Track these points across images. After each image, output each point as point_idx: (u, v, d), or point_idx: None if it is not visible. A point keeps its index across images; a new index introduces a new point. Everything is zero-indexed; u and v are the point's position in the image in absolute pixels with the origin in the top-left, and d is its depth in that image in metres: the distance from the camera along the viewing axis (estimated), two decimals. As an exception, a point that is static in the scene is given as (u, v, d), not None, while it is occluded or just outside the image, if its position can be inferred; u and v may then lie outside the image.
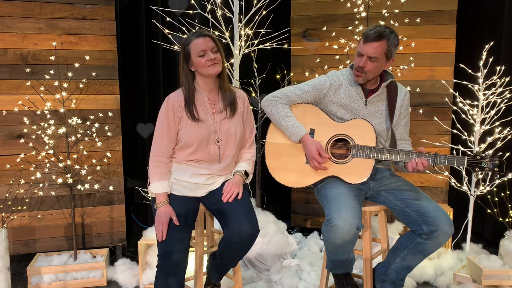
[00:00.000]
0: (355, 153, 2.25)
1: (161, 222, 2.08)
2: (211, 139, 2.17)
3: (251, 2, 3.17)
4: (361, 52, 2.20)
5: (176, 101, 2.14)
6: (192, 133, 2.14)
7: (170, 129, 2.14)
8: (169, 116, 2.13)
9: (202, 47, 2.09)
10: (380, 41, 2.17)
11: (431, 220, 2.12)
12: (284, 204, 4.11)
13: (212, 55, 2.10)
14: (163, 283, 2.09)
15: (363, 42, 2.20)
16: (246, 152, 2.33)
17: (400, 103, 2.35)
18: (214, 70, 2.11)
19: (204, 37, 2.11)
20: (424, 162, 2.15)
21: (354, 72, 2.27)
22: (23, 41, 3.01)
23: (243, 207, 2.14)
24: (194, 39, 2.10)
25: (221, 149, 2.20)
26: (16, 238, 3.10)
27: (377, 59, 2.19)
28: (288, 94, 2.35)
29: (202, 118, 2.15)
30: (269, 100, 2.37)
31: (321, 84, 2.34)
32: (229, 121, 2.20)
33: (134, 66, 3.84)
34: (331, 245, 2.13)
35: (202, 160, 2.19)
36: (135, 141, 3.93)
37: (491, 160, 2.11)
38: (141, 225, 3.92)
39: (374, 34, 2.16)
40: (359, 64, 2.21)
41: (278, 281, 2.90)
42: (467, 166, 2.13)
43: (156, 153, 2.16)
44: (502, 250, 2.82)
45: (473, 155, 2.14)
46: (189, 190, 2.19)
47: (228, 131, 2.19)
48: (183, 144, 2.16)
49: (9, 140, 3.04)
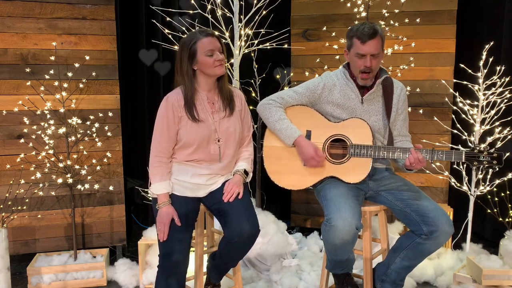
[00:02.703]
0: (352, 153, 2.25)
1: (163, 222, 2.08)
2: (212, 139, 2.17)
3: (251, 2, 3.17)
4: (362, 53, 2.19)
5: (176, 101, 2.12)
6: (192, 133, 2.13)
7: (170, 129, 2.13)
8: (169, 116, 2.12)
9: (211, 47, 2.08)
10: (376, 37, 2.17)
11: (431, 220, 2.12)
12: (284, 204, 4.11)
13: (220, 55, 2.10)
14: (163, 283, 2.09)
15: (360, 43, 2.18)
16: (244, 150, 2.33)
17: (397, 98, 2.34)
18: (220, 70, 2.12)
19: (212, 36, 2.10)
20: (419, 156, 2.14)
21: (360, 76, 2.24)
22: (23, 41, 3.01)
23: (243, 206, 2.14)
24: (202, 38, 2.08)
25: (221, 148, 2.19)
26: (16, 238, 3.10)
27: (378, 55, 2.21)
28: (282, 96, 2.35)
29: (202, 118, 2.14)
30: (263, 105, 2.37)
31: (315, 85, 2.34)
32: (228, 120, 2.20)
33: (134, 66, 3.84)
34: (330, 245, 2.13)
35: (202, 160, 2.18)
36: (135, 141, 3.93)
37: (489, 153, 2.10)
38: (141, 225, 3.92)
39: (369, 32, 2.16)
40: (365, 65, 2.19)
41: (278, 281, 2.90)
42: (465, 160, 2.12)
43: (156, 154, 2.15)
44: (502, 250, 2.82)
45: (471, 149, 2.13)
46: (190, 190, 2.19)
47: (227, 130, 2.19)
48: (183, 144, 2.15)
49: (9, 140, 3.04)
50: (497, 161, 2.10)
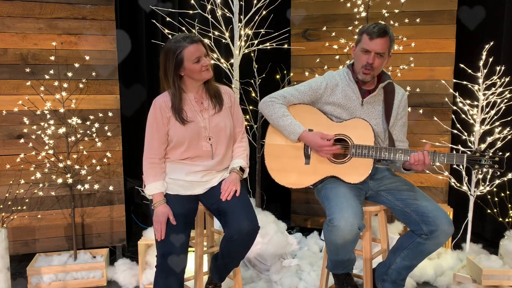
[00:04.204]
0: (353, 153, 2.24)
1: (159, 221, 2.08)
2: (202, 136, 2.19)
3: (251, 2, 3.17)
4: (367, 48, 2.20)
5: (163, 102, 2.16)
6: (182, 131, 2.16)
7: (159, 130, 2.16)
8: (157, 117, 2.15)
9: (197, 54, 2.11)
10: (385, 37, 2.19)
11: (431, 220, 2.12)
12: (284, 204, 4.10)
13: (206, 60, 2.13)
14: (162, 283, 2.08)
15: (368, 39, 2.19)
16: (238, 146, 2.34)
17: (398, 104, 2.34)
18: (208, 74, 2.16)
19: (197, 43, 2.12)
20: (426, 160, 2.12)
21: (362, 70, 2.24)
22: (23, 41, 3.01)
23: (241, 204, 2.15)
24: (187, 46, 2.10)
25: (213, 145, 2.21)
26: (16, 238, 3.10)
27: (383, 55, 2.22)
28: (284, 95, 2.36)
29: (191, 119, 2.17)
30: (265, 102, 2.37)
31: (317, 85, 2.34)
32: (218, 116, 2.23)
33: (134, 66, 3.84)
34: (332, 245, 2.13)
35: (196, 157, 2.20)
36: (135, 141, 3.92)
37: (491, 157, 2.09)
38: (141, 225, 3.92)
39: (379, 31, 2.18)
40: (368, 61, 2.20)
41: (278, 281, 2.90)
42: (466, 164, 2.11)
43: (148, 156, 2.19)
44: (502, 250, 2.82)
45: (473, 152, 2.12)
46: (184, 188, 2.20)
47: (217, 126, 2.21)
48: (175, 143, 2.17)
49: (9, 140, 3.03)
50: (498, 165, 2.08)
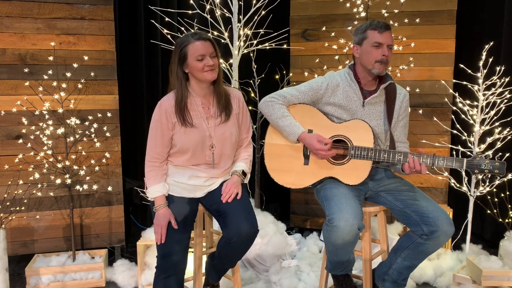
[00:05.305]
0: (352, 154, 2.24)
1: (160, 225, 2.07)
2: (206, 144, 2.15)
3: (250, 2, 3.17)
4: (380, 41, 2.18)
5: (169, 106, 2.10)
6: (186, 139, 2.12)
7: (163, 134, 2.12)
8: (162, 122, 2.11)
9: (202, 52, 2.04)
10: (390, 30, 2.22)
11: (431, 220, 2.11)
12: (283, 204, 4.10)
13: (211, 60, 2.06)
14: (162, 284, 2.08)
15: (378, 32, 2.18)
16: (243, 151, 2.32)
17: (399, 104, 2.33)
18: (210, 76, 2.08)
19: (205, 41, 2.05)
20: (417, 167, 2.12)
21: (376, 66, 2.21)
22: (21, 41, 3.00)
23: (242, 207, 2.13)
24: (193, 41, 2.04)
25: (215, 154, 2.18)
26: (15, 238, 3.09)
27: (392, 48, 2.24)
28: (284, 95, 2.34)
29: (196, 124, 2.12)
30: (266, 102, 2.36)
31: (318, 85, 2.33)
32: (224, 126, 2.18)
33: (133, 67, 3.83)
34: (332, 245, 2.12)
35: (200, 164, 2.18)
36: (134, 142, 3.92)
37: (491, 162, 2.06)
38: (139, 225, 3.91)
39: (384, 24, 2.21)
40: (384, 54, 2.19)
41: (277, 281, 2.89)
42: (466, 168, 2.09)
43: (150, 159, 2.16)
44: (502, 251, 2.81)
45: (473, 157, 2.10)
46: (187, 191, 2.18)
47: (223, 136, 2.17)
48: (178, 149, 2.14)
49: (7, 141, 3.03)
50: (499, 171, 2.05)
